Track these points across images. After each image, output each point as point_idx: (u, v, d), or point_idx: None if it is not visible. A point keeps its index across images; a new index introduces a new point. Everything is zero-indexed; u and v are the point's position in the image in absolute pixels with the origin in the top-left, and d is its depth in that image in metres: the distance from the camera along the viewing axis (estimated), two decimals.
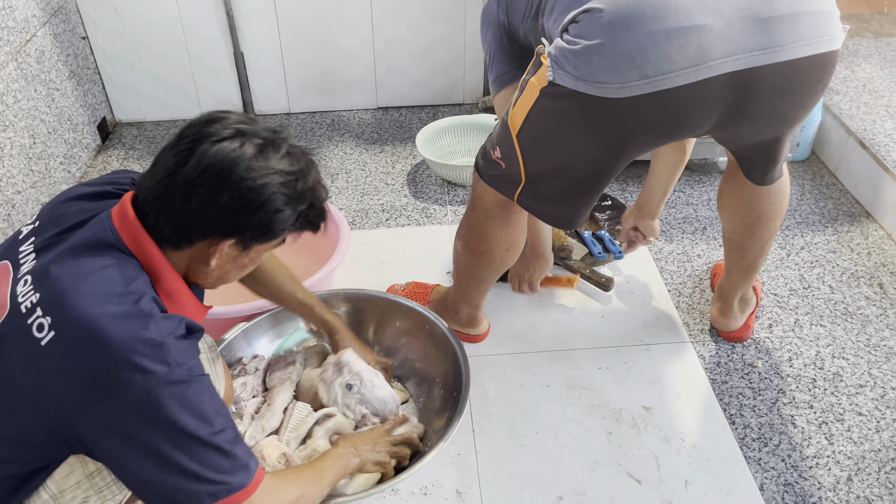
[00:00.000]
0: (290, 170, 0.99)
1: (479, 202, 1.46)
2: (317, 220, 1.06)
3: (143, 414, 0.90)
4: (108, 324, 0.90)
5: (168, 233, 0.98)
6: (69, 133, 2.36)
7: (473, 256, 1.54)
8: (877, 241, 2.07)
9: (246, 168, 0.95)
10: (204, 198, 0.95)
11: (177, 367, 0.92)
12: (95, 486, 1.05)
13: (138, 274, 0.97)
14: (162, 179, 0.97)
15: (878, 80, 2.57)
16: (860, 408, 1.60)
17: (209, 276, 1.05)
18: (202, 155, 0.95)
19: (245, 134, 0.98)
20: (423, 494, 1.44)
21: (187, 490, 0.94)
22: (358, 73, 2.69)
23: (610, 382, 1.66)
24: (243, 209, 0.97)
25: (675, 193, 2.28)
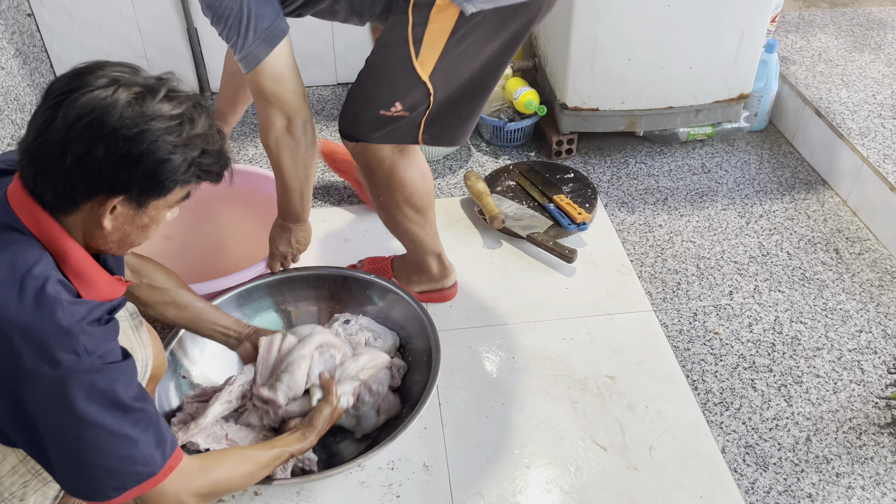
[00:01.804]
0: (173, 113, 0.90)
1: (375, 164, 1.47)
2: (214, 167, 0.98)
3: (50, 403, 0.87)
4: (13, 312, 0.85)
5: (49, 197, 0.90)
6: (16, 114, 2.28)
7: (406, 208, 1.54)
8: (832, 207, 2.11)
9: (120, 116, 0.87)
10: (78, 153, 0.87)
11: (86, 356, 0.87)
12: (32, 470, 1.02)
13: (41, 256, 0.90)
14: (33, 140, 0.88)
15: (833, 49, 2.60)
16: (818, 370, 1.63)
17: (109, 240, 0.96)
18: (70, 107, 0.86)
19: (119, 81, 0.89)
20: (391, 469, 1.43)
21: (94, 483, 0.91)
22: (316, 49, 2.64)
23: (574, 352, 1.67)
24: (123, 161, 0.88)
25: (636, 165, 2.29)
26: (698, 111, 2.24)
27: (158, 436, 0.96)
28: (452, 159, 2.32)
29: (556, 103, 2.26)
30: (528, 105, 2.28)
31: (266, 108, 1.38)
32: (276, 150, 1.42)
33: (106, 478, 0.92)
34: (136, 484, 0.94)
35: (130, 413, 0.92)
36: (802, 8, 2.92)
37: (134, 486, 0.94)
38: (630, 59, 2.09)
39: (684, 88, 2.17)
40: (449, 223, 2.04)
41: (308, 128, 1.42)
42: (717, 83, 2.18)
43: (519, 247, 1.97)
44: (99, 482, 0.92)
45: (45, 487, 1.05)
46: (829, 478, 1.42)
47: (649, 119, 2.23)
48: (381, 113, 1.37)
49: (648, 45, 2.07)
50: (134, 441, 0.92)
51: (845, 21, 2.80)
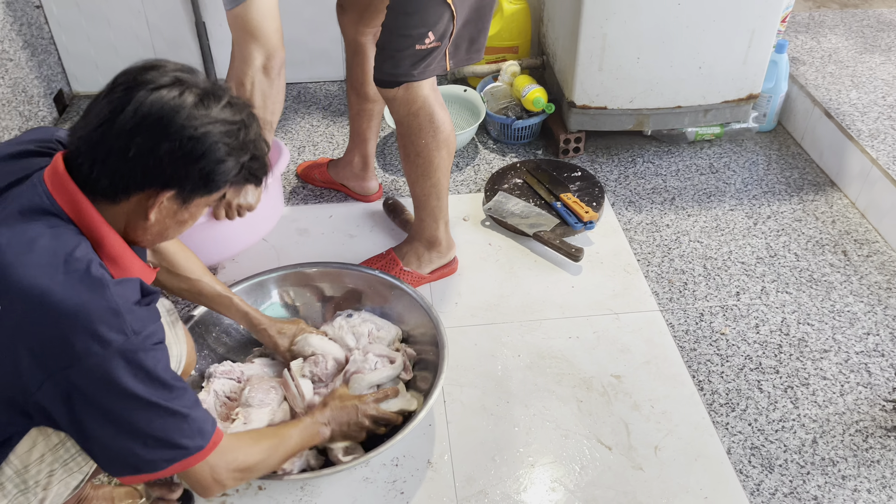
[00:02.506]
0: (233, 119, 0.96)
1: (417, 105, 1.55)
2: (259, 172, 1.03)
3: (100, 383, 0.89)
4: (60, 294, 0.87)
5: (104, 184, 0.93)
6: (24, 105, 2.28)
7: (444, 150, 1.62)
8: (841, 209, 2.10)
9: (187, 116, 0.91)
10: (143, 147, 0.90)
11: (133, 336, 0.89)
12: (60, 459, 1.02)
13: (80, 240, 0.92)
14: (97, 128, 0.91)
15: (843, 50, 2.59)
16: (825, 372, 1.63)
17: (148, 233, 1.00)
18: (140, 103, 0.90)
19: (184, 83, 0.94)
20: (395, 466, 1.43)
21: (145, 457, 0.95)
22: (324, 44, 2.64)
23: (580, 351, 1.66)
24: (184, 159, 0.93)
25: (643, 164, 2.29)
26: (707, 111, 2.23)
27: (203, 413, 1.00)
28: (458, 157, 2.32)
29: (564, 101, 2.25)
30: (535, 103, 2.27)
31: (248, 45, 1.41)
32: (249, 89, 1.45)
33: (157, 450, 0.95)
34: (185, 457, 0.98)
35: (176, 391, 0.95)
36: (813, 8, 2.91)
37: (184, 459, 0.97)
38: (639, 57, 2.08)
39: (693, 88, 2.16)
40: (455, 220, 2.03)
41: (282, 72, 1.47)
42: (727, 83, 2.17)
43: (525, 245, 1.96)
44: (150, 454, 0.95)
45: (69, 478, 1.05)
46: (835, 480, 1.41)
47: (657, 118, 2.22)
48: (418, 48, 1.45)
49: (658, 43, 2.06)
50: (184, 416, 0.96)
51: (856, 22, 2.78)
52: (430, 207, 1.72)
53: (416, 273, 1.79)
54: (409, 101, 1.55)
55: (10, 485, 0.99)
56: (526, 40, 2.60)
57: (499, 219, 2.01)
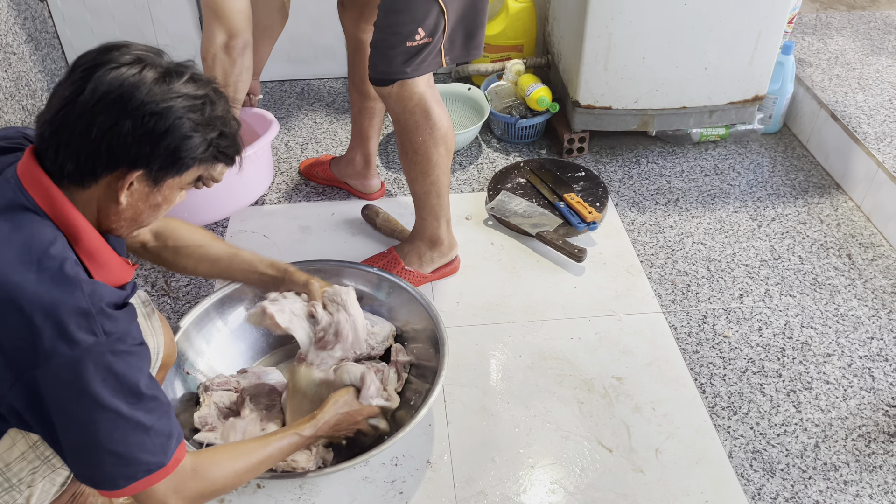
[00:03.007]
0: (196, 94, 0.94)
1: (413, 103, 1.55)
2: (229, 150, 1.01)
3: (67, 384, 0.87)
4: (32, 291, 0.85)
5: (70, 168, 0.91)
6: (27, 99, 2.28)
7: (442, 147, 1.62)
8: (846, 212, 2.09)
9: (147, 92, 0.90)
10: (105, 126, 0.89)
11: (104, 338, 0.87)
12: (42, 456, 1.01)
13: (56, 236, 0.91)
14: (58, 111, 0.90)
15: (850, 52, 2.58)
16: (828, 376, 1.61)
17: (121, 217, 0.98)
18: (98, 81, 0.89)
19: (144, 61, 0.93)
20: (394, 465, 1.43)
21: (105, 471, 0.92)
22: (328, 41, 2.63)
23: (582, 353, 1.65)
24: (148, 136, 0.91)
25: (648, 164, 2.28)
26: (712, 112, 2.21)
27: (169, 426, 0.96)
28: (461, 155, 2.31)
29: (569, 101, 2.24)
30: (540, 102, 2.26)
31: (211, 23, 1.52)
32: (210, 65, 1.54)
33: (116, 466, 0.92)
34: (145, 475, 0.94)
35: (144, 401, 0.92)
36: (820, 10, 2.89)
37: (143, 477, 0.94)
38: (644, 57, 2.07)
39: (698, 89, 2.15)
40: (458, 219, 2.03)
41: (246, 53, 1.53)
42: (732, 84, 2.16)
43: (528, 245, 1.96)
44: (109, 470, 0.92)
45: (54, 474, 1.05)
46: (836, 485, 1.41)
47: (662, 119, 2.21)
48: (408, 45, 1.46)
49: (663, 44, 2.05)
50: (146, 429, 0.93)
51: (863, 24, 2.77)
52: (430, 206, 1.71)
53: (417, 272, 1.79)
54: (404, 98, 1.55)
55: None
56: (531, 39, 2.59)
57: (501, 218, 2.00)
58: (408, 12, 1.43)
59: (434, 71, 1.55)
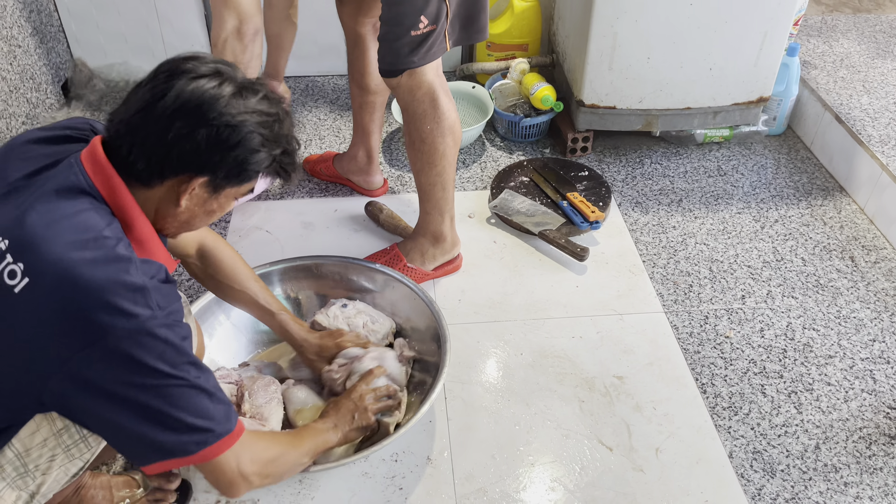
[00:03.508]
0: (268, 111, 1.00)
1: (422, 92, 1.56)
2: (289, 167, 1.06)
3: (126, 361, 0.88)
4: (87, 268, 0.88)
5: (140, 167, 0.96)
6: (32, 92, 2.28)
7: (449, 137, 1.62)
8: (849, 215, 2.08)
9: (225, 105, 0.95)
10: (181, 132, 0.94)
11: (159, 311, 0.90)
12: (63, 444, 1.02)
13: (111, 220, 0.95)
14: (137, 112, 0.95)
15: (855, 55, 2.57)
16: (829, 378, 1.61)
17: (177, 219, 1.03)
18: (181, 90, 0.94)
19: (223, 74, 0.98)
20: (394, 461, 1.43)
21: (171, 440, 0.93)
22: (333, 38, 2.63)
23: (583, 351, 1.65)
24: (220, 146, 0.96)
25: (651, 165, 2.27)
26: (716, 113, 2.21)
27: (226, 397, 1.00)
28: (465, 153, 2.31)
29: (573, 100, 2.24)
30: (544, 101, 2.26)
31: (221, 9, 1.53)
32: (221, 50, 1.54)
33: (185, 432, 0.94)
34: (216, 440, 0.96)
35: (202, 370, 0.95)
36: (825, 12, 2.89)
37: (215, 442, 0.96)
38: (649, 57, 2.07)
39: (703, 89, 2.15)
40: (461, 217, 2.02)
41: (257, 39, 1.54)
42: (737, 85, 2.15)
43: (530, 243, 1.96)
44: (178, 437, 0.93)
45: (70, 464, 1.05)
46: (837, 487, 1.40)
47: (666, 119, 2.21)
48: (413, 34, 1.47)
49: (668, 44, 2.05)
50: (210, 395, 0.95)
51: (868, 27, 2.76)
52: (435, 199, 1.71)
53: (419, 269, 1.79)
54: (412, 87, 1.56)
55: (9, 467, 0.99)
56: (536, 38, 2.59)
57: (504, 216, 2.00)
58: (409, 3, 1.45)
59: (440, 55, 1.56)
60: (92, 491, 1.28)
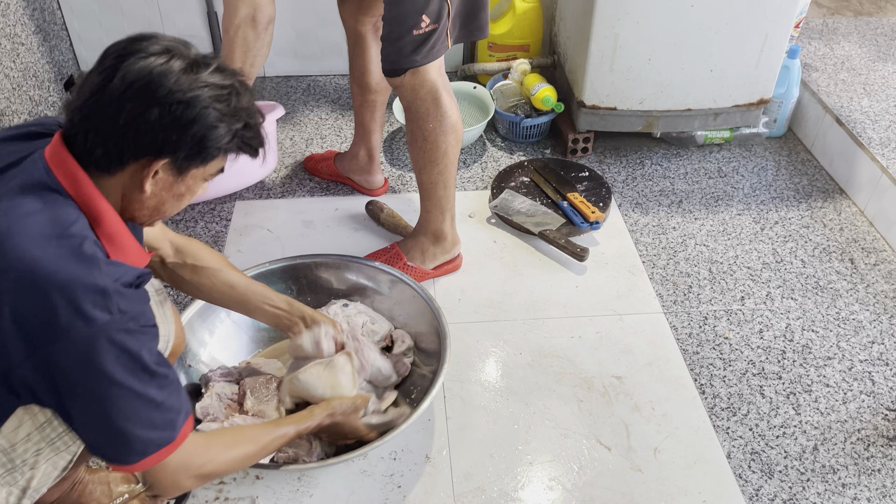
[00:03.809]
0: (222, 84, 0.96)
1: (425, 90, 1.57)
2: (253, 142, 1.02)
3: (81, 361, 0.88)
4: (50, 267, 0.87)
5: (98, 154, 0.93)
6: (34, 90, 2.29)
7: (451, 136, 1.63)
8: (849, 217, 2.09)
9: (175, 81, 0.92)
10: (133, 113, 0.91)
11: (119, 316, 0.89)
12: (47, 438, 1.02)
13: (77, 216, 0.93)
14: (88, 98, 0.92)
15: (856, 58, 2.57)
16: (828, 379, 1.61)
17: (145, 206, 1.00)
18: (128, 70, 0.91)
19: (172, 51, 0.94)
20: (393, 459, 1.43)
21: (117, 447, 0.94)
22: (335, 38, 2.63)
23: (582, 351, 1.66)
24: (175, 124, 0.92)
25: (652, 166, 2.28)
26: (717, 114, 2.22)
27: (179, 403, 0.98)
28: (466, 153, 2.31)
29: (574, 101, 2.25)
30: (545, 102, 2.26)
31: None
32: (232, 36, 1.52)
33: (127, 442, 0.94)
34: (155, 450, 0.96)
35: (155, 378, 0.94)
36: (827, 15, 2.89)
37: (154, 452, 0.96)
38: (650, 59, 2.08)
39: (704, 91, 2.15)
40: (461, 216, 2.03)
41: (270, 28, 1.53)
42: (738, 87, 2.16)
43: (530, 243, 1.96)
44: (122, 445, 0.94)
45: (57, 458, 1.05)
46: (834, 488, 1.41)
47: (667, 120, 2.22)
48: (416, 33, 1.48)
49: (669, 45, 2.05)
50: (157, 405, 0.95)
51: (869, 30, 2.76)
52: (436, 197, 1.71)
53: (419, 268, 1.79)
54: (415, 86, 1.56)
55: None
56: (537, 39, 2.59)
57: (505, 216, 2.00)
58: (410, 2, 1.45)
59: (443, 53, 1.56)
60: (90, 486, 1.29)
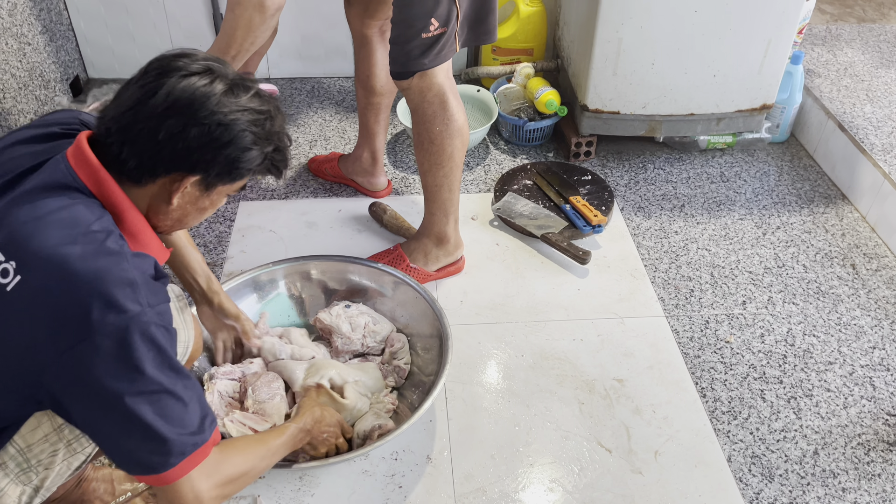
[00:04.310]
0: (260, 109, 0.99)
1: (433, 93, 1.57)
2: (281, 164, 1.06)
3: (114, 357, 0.87)
4: (78, 263, 0.87)
5: (132, 165, 0.95)
6: (40, 90, 2.30)
7: (457, 139, 1.64)
8: (851, 222, 2.09)
9: (217, 103, 0.95)
10: (172, 130, 0.93)
11: (148, 309, 0.89)
12: (64, 439, 1.02)
13: (101, 213, 0.94)
14: (128, 110, 0.94)
15: (859, 64, 2.58)
16: (829, 384, 1.62)
17: (169, 217, 1.02)
18: (171, 87, 0.94)
19: (214, 72, 0.97)
20: (394, 460, 1.43)
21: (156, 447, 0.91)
22: (339, 40, 2.64)
23: (584, 354, 1.66)
24: (212, 144, 0.95)
25: (654, 170, 2.28)
26: (720, 119, 2.22)
27: (203, 406, 0.97)
28: (469, 156, 2.32)
29: (577, 105, 2.25)
30: (548, 105, 2.27)
31: None
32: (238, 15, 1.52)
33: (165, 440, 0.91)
34: (193, 450, 0.94)
35: (181, 377, 0.93)
36: (830, 22, 2.90)
37: (192, 453, 0.94)
38: (654, 63, 2.08)
39: (707, 96, 2.16)
40: (464, 219, 2.04)
41: (276, 15, 1.54)
42: (741, 92, 2.16)
43: (532, 246, 1.97)
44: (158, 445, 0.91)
45: (72, 458, 1.05)
46: (835, 492, 1.41)
47: (670, 125, 2.22)
48: (424, 37, 1.49)
49: (673, 50, 2.06)
50: (185, 405, 0.93)
51: (873, 37, 2.77)
52: (441, 200, 1.72)
53: (422, 270, 1.80)
54: (423, 89, 1.57)
55: (12, 463, 0.99)
56: (541, 43, 2.60)
57: (507, 219, 2.01)
58: (419, 5, 1.46)
59: (451, 57, 1.57)
60: (94, 483, 1.29)
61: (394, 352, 1.56)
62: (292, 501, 1.36)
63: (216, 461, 0.99)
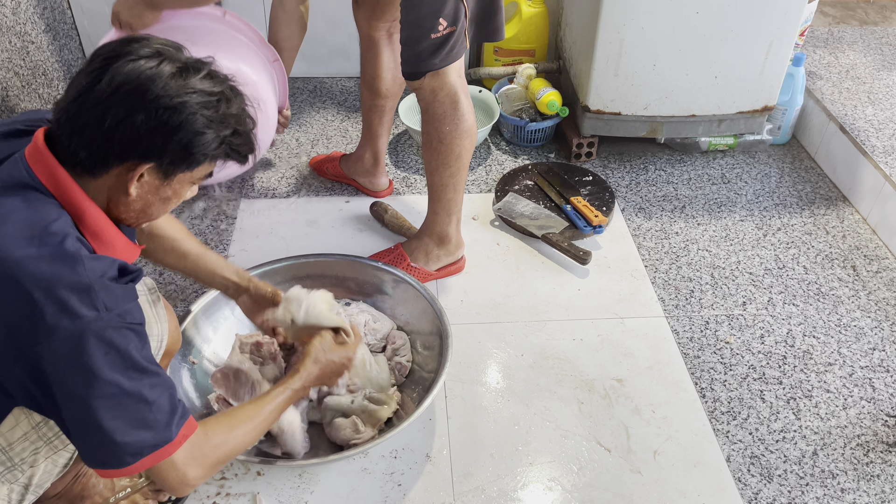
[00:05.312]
0: (211, 90, 0.94)
1: (444, 92, 1.59)
2: (242, 148, 1.01)
3: (69, 361, 0.87)
4: (32, 267, 0.86)
5: (83, 156, 0.92)
6: (43, 88, 2.30)
7: (466, 139, 1.65)
8: (852, 224, 2.09)
9: (163, 86, 0.90)
10: (118, 117, 0.89)
11: (105, 313, 0.88)
12: (44, 437, 1.02)
13: (59, 214, 0.91)
14: (74, 100, 0.91)
15: (861, 66, 2.58)
16: (828, 385, 1.62)
17: (131, 209, 0.98)
18: (116, 72, 0.90)
19: (163, 55, 0.93)
20: (394, 458, 1.44)
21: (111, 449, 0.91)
22: (342, 40, 2.65)
23: (583, 354, 1.66)
24: (160, 130, 0.91)
25: (655, 171, 2.29)
26: (721, 121, 2.22)
27: (172, 402, 0.96)
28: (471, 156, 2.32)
29: (579, 106, 2.26)
30: (550, 106, 2.28)
31: None
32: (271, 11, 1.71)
33: (121, 442, 0.91)
34: (152, 450, 0.93)
35: (146, 376, 0.92)
36: (832, 24, 2.90)
37: (151, 453, 0.93)
38: (655, 64, 2.09)
39: (708, 97, 2.16)
40: (465, 219, 2.04)
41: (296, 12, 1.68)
42: (742, 94, 2.17)
43: (533, 246, 1.97)
44: (114, 446, 0.91)
45: (56, 455, 1.06)
46: (833, 493, 1.41)
47: (671, 126, 2.23)
48: (433, 37, 1.50)
49: (674, 51, 2.06)
50: (149, 404, 0.92)
51: (874, 39, 2.77)
52: (445, 199, 1.73)
53: (423, 269, 1.80)
54: (434, 88, 1.58)
55: None
56: (543, 44, 2.60)
57: (508, 219, 2.01)
58: (427, 5, 1.47)
59: (461, 55, 1.58)
60: (93, 479, 1.30)
61: (395, 349, 1.57)
62: (292, 499, 1.37)
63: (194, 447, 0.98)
